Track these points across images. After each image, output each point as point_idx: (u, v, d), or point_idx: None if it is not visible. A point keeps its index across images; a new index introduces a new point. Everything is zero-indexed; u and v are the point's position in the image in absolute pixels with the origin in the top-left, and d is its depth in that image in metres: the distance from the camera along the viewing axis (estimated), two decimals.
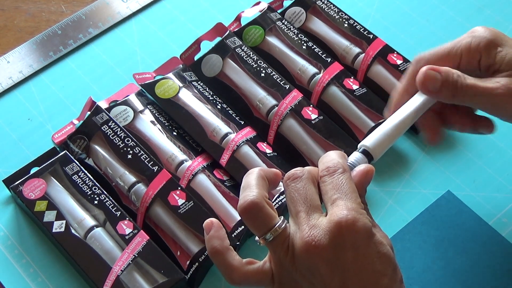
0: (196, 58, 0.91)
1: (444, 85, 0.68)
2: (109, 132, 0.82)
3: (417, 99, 0.70)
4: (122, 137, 0.82)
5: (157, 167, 0.79)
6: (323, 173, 0.62)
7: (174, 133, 0.84)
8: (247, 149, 0.82)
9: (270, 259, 0.62)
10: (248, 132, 0.84)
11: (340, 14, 0.93)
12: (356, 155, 0.66)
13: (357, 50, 0.90)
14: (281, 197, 0.79)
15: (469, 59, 0.70)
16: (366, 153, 0.66)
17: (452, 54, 0.71)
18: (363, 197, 0.63)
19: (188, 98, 0.86)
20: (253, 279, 0.62)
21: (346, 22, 0.92)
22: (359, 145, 0.67)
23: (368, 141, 0.67)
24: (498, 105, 0.69)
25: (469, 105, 0.72)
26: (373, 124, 0.84)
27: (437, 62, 0.71)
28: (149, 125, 0.84)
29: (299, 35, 0.91)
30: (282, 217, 0.61)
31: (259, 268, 0.62)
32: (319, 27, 0.93)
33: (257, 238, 0.61)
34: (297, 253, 0.59)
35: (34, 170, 0.81)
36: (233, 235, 0.77)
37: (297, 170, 0.62)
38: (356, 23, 0.92)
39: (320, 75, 0.88)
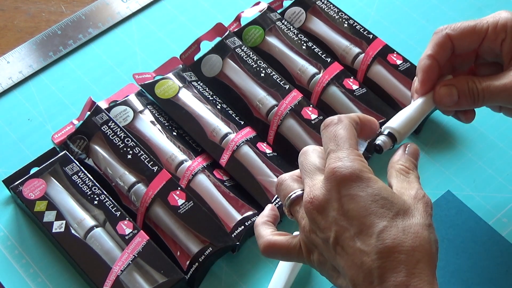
0: (196, 58, 0.91)
1: (462, 97, 0.69)
2: (109, 132, 0.82)
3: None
4: (122, 137, 0.82)
5: (157, 167, 0.79)
6: (321, 129, 0.64)
7: (174, 133, 0.84)
8: (247, 149, 0.82)
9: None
10: (248, 132, 0.84)
11: (340, 14, 0.93)
12: (381, 138, 0.67)
13: (357, 50, 0.90)
14: None
15: (494, 38, 0.70)
16: (390, 135, 0.67)
17: (477, 29, 0.70)
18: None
19: (188, 98, 0.86)
20: (278, 247, 0.65)
21: (346, 22, 0.92)
22: (383, 128, 0.68)
23: (393, 123, 0.68)
24: None
25: (492, 104, 0.72)
26: None
27: (460, 36, 0.71)
28: (149, 125, 0.84)
29: (299, 35, 0.91)
30: (302, 188, 0.64)
31: (286, 238, 0.65)
32: (319, 27, 0.93)
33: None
34: (306, 214, 0.61)
35: (34, 170, 0.81)
36: (233, 235, 0.77)
37: (304, 148, 0.65)
38: (356, 23, 0.92)
39: (320, 75, 0.88)
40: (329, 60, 0.89)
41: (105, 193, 0.79)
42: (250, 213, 0.79)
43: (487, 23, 0.70)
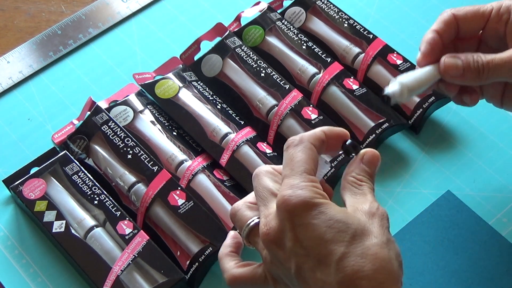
0: (196, 58, 0.91)
1: (466, 69, 0.68)
2: (109, 132, 0.82)
3: None
4: (122, 137, 0.82)
5: (157, 167, 0.79)
6: (284, 149, 0.62)
7: (174, 133, 0.84)
8: (247, 149, 0.82)
9: None
10: (248, 132, 0.84)
11: (340, 14, 0.93)
12: (391, 88, 0.67)
13: (357, 50, 0.90)
14: None
15: (498, 19, 0.70)
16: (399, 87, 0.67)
17: (481, 11, 0.71)
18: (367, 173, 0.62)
19: (188, 98, 0.86)
20: (243, 280, 0.63)
21: (346, 22, 0.92)
22: (397, 80, 0.68)
23: (404, 78, 0.67)
24: None
25: (497, 80, 0.70)
26: (373, 124, 0.84)
27: (464, 17, 0.71)
28: (149, 125, 0.84)
29: (299, 35, 0.91)
30: (258, 215, 0.62)
31: (250, 270, 0.63)
32: (319, 27, 0.93)
33: None
34: (264, 245, 0.59)
35: (34, 170, 0.81)
36: None
37: (256, 170, 0.63)
38: (356, 23, 0.92)
39: (320, 75, 0.88)
40: (329, 60, 0.89)
41: (105, 193, 0.79)
42: None
43: (491, 6, 0.70)
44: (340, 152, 0.64)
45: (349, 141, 0.63)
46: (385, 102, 0.66)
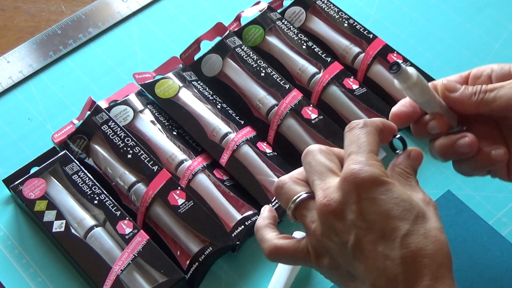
0: (196, 58, 0.91)
1: (464, 92, 0.65)
2: (109, 132, 0.82)
3: None
4: (122, 137, 0.81)
5: (157, 166, 0.79)
6: (346, 130, 0.63)
7: (174, 133, 0.84)
8: (247, 149, 0.82)
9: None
10: (248, 132, 0.84)
11: (340, 13, 0.93)
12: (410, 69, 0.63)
13: (357, 49, 0.90)
14: None
15: (478, 75, 0.67)
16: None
17: (463, 75, 0.68)
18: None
19: (188, 98, 0.86)
20: (284, 252, 0.63)
21: (346, 21, 0.92)
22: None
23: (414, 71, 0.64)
24: None
25: (497, 111, 0.65)
26: None
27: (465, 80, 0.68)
28: (149, 125, 0.84)
29: (299, 35, 0.91)
30: (307, 191, 0.62)
31: (292, 242, 0.63)
32: (319, 26, 0.93)
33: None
34: (318, 217, 0.60)
35: (34, 170, 0.81)
36: (233, 235, 0.77)
37: (309, 147, 0.64)
38: (356, 23, 0.92)
39: (320, 74, 0.88)
40: (329, 59, 0.89)
41: (105, 192, 0.79)
42: (250, 212, 0.79)
43: (470, 70, 0.67)
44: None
45: (398, 135, 0.65)
46: (391, 66, 0.62)
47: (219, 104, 0.86)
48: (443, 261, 0.56)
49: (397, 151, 0.64)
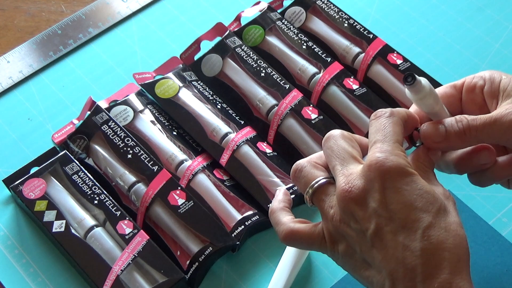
0: (196, 58, 0.91)
1: (449, 132, 0.63)
2: (109, 132, 0.82)
3: None
4: (122, 137, 0.82)
5: (157, 166, 0.79)
6: (371, 118, 0.62)
7: (174, 133, 0.84)
8: (247, 149, 0.82)
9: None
10: (248, 132, 0.84)
11: (340, 13, 0.93)
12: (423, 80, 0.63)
13: (357, 49, 0.90)
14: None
15: (472, 88, 0.67)
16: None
17: (454, 85, 0.68)
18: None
19: (188, 98, 0.86)
20: (300, 236, 0.62)
21: (346, 21, 0.92)
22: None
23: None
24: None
25: (481, 141, 0.65)
26: None
27: (441, 94, 0.67)
28: (149, 125, 0.84)
29: (299, 35, 0.91)
30: (326, 176, 0.62)
31: (308, 227, 0.63)
32: (319, 26, 0.93)
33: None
34: (338, 203, 0.59)
35: (34, 170, 0.81)
36: (233, 235, 0.77)
37: (331, 132, 0.63)
38: (356, 23, 0.92)
39: (320, 74, 0.88)
40: (329, 59, 0.89)
41: (105, 192, 0.79)
42: (250, 212, 0.79)
43: (464, 79, 0.68)
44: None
45: (419, 129, 0.64)
46: (406, 78, 0.62)
47: (219, 104, 0.86)
48: (462, 256, 0.57)
49: (417, 144, 0.64)
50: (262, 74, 0.87)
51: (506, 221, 0.80)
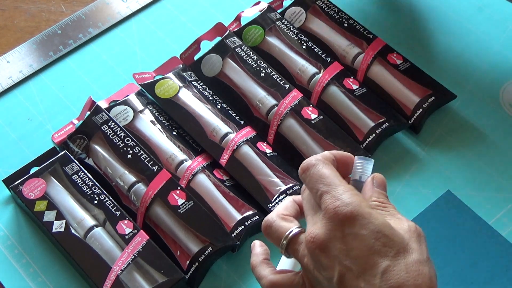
0: (196, 58, 0.91)
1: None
2: (109, 132, 0.82)
3: None
4: (122, 137, 0.81)
5: (157, 167, 0.79)
6: (301, 173, 0.63)
7: (174, 133, 0.84)
8: (247, 149, 0.82)
9: None
10: (248, 132, 0.84)
11: (340, 14, 0.93)
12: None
13: (357, 50, 0.90)
14: (281, 196, 0.79)
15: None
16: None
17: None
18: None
19: (188, 98, 0.86)
20: (281, 285, 0.64)
21: (346, 22, 0.92)
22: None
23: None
24: None
25: None
26: (373, 124, 0.84)
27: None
28: (149, 125, 0.84)
29: (299, 35, 0.91)
30: (296, 226, 0.63)
31: (288, 276, 0.64)
32: (319, 27, 0.93)
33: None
34: (308, 252, 0.60)
35: (34, 170, 0.81)
36: (233, 235, 0.77)
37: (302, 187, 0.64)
38: (356, 23, 0.92)
39: (320, 75, 0.88)
40: (329, 60, 0.89)
41: (105, 192, 0.79)
42: (250, 212, 0.79)
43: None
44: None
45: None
46: None
47: (219, 104, 0.86)
48: None
49: (356, 179, 0.64)
50: (262, 74, 0.87)
51: (506, 221, 0.80)
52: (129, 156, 0.81)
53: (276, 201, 0.79)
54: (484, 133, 0.86)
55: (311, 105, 0.85)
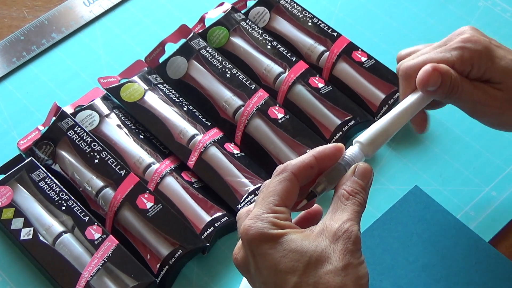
0: (161, 60, 0.91)
1: (442, 84, 0.68)
2: (75, 137, 0.81)
3: (412, 98, 0.70)
4: (89, 142, 0.81)
5: (124, 171, 0.79)
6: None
7: (141, 136, 0.84)
8: (214, 150, 0.82)
9: None
10: (215, 133, 0.84)
11: (303, 13, 0.93)
12: (351, 150, 0.64)
13: (321, 48, 0.91)
14: (250, 197, 0.79)
15: (460, 71, 0.70)
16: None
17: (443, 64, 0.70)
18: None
19: (154, 101, 0.86)
20: None
21: (310, 20, 0.93)
22: (354, 141, 0.65)
23: (362, 138, 0.65)
24: (491, 116, 0.72)
25: (457, 105, 0.72)
26: (339, 122, 0.84)
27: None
28: (115, 129, 0.84)
29: (263, 35, 0.91)
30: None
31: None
32: (283, 26, 0.93)
33: None
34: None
35: (0, 177, 0.80)
36: (202, 237, 0.77)
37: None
38: (320, 22, 0.93)
39: (286, 74, 0.88)
40: (294, 59, 0.89)
41: (73, 198, 0.78)
42: (219, 214, 0.79)
43: (451, 59, 0.70)
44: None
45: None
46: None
47: (186, 106, 0.86)
48: None
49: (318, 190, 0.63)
50: (228, 75, 0.87)
51: (474, 214, 0.81)
52: (96, 161, 0.80)
53: (245, 201, 0.79)
54: (450, 128, 0.87)
55: (277, 105, 0.85)
